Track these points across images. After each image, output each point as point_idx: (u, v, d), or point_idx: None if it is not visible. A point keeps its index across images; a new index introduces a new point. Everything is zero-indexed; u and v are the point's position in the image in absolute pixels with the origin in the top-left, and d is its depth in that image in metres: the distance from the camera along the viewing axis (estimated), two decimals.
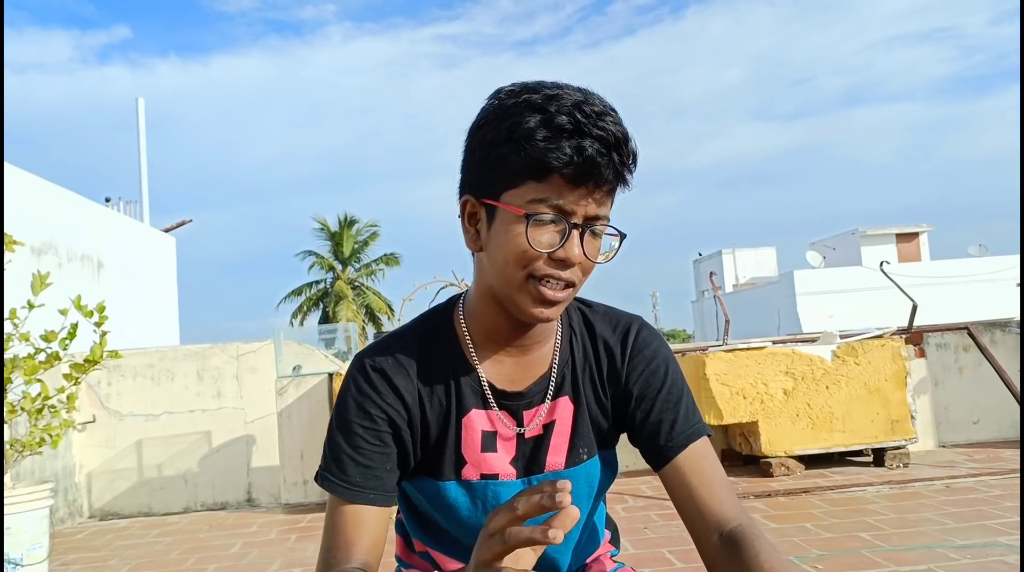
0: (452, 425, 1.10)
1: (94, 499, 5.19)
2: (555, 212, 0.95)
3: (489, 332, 1.10)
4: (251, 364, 5.42)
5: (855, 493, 4.19)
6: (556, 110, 0.93)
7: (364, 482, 1.04)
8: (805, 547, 3.17)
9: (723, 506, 1.06)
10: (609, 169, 0.94)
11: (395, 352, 1.11)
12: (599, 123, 0.93)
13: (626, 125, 0.97)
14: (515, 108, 0.96)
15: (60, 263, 7.54)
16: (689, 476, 1.09)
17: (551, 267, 0.97)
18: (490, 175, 0.99)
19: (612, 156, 0.94)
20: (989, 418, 5.69)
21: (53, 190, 7.79)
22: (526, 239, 0.95)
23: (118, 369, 5.26)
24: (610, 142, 0.93)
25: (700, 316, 37.84)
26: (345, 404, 1.09)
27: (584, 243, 0.97)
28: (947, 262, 28.30)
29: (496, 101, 0.99)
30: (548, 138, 0.92)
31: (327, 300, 33.73)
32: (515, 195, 0.97)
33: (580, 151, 0.92)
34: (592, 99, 0.96)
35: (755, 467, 5.04)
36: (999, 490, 4.02)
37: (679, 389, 1.15)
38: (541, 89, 0.97)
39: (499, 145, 0.96)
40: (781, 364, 4.93)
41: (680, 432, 1.11)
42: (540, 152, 0.93)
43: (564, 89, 0.96)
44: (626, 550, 3.35)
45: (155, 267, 10.45)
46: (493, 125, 0.97)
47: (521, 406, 1.11)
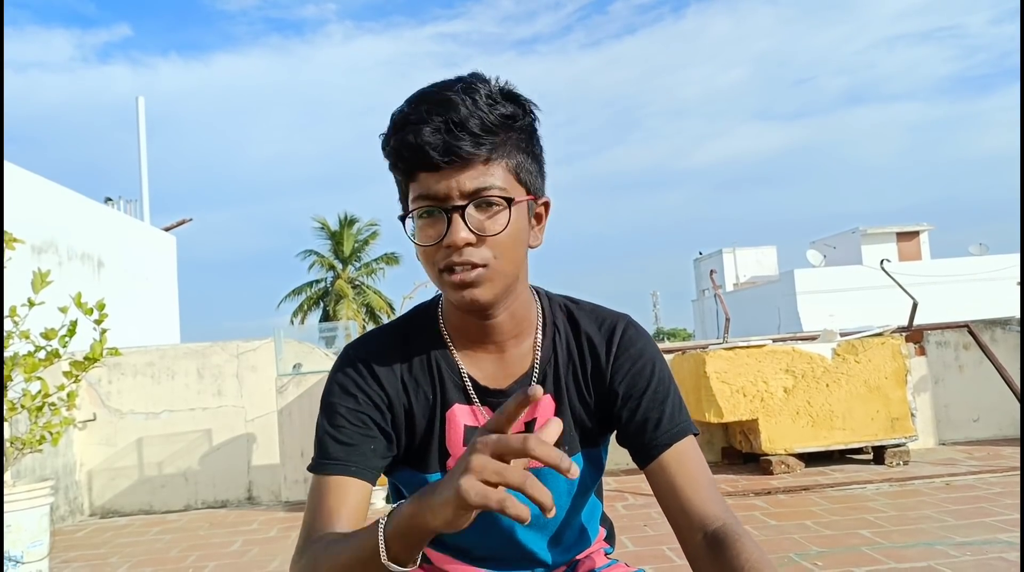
0: (437, 418, 1.11)
1: (95, 497, 5.19)
2: (430, 203, 0.98)
3: (461, 330, 1.12)
4: (251, 362, 5.42)
5: (855, 491, 4.19)
6: (407, 111, 0.98)
7: (346, 456, 1.05)
8: (805, 544, 3.17)
9: (707, 505, 1.06)
10: (450, 146, 0.95)
11: (380, 344, 1.13)
12: (439, 110, 0.95)
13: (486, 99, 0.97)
14: (390, 122, 1.01)
15: (60, 262, 7.54)
16: (674, 475, 1.08)
17: (447, 255, 0.98)
18: (399, 194, 1.06)
19: (451, 132, 0.95)
20: (989, 416, 5.69)
21: (54, 189, 7.79)
22: (413, 239, 1.01)
23: (118, 367, 5.26)
24: (445, 123, 0.95)
25: (701, 315, 37.84)
26: (330, 389, 1.11)
27: (469, 221, 0.97)
28: (947, 261, 28.29)
29: None
30: (398, 138, 0.98)
31: (327, 299, 33.73)
32: (410, 203, 1.01)
33: (415, 139, 0.95)
34: (449, 91, 0.97)
35: (755, 465, 5.04)
36: (999, 488, 4.02)
37: (665, 388, 1.14)
38: (413, 96, 1.01)
39: (387, 162, 1.03)
40: (781, 362, 4.93)
41: (665, 431, 1.10)
42: (393, 152, 0.99)
43: (431, 88, 1.00)
44: (625, 547, 3.35)
45: (156, 266, 10.45)
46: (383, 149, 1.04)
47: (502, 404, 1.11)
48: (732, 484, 4.57)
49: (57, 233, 7.58)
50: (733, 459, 5.36)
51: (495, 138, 0.98)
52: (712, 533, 1.02)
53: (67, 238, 7.79)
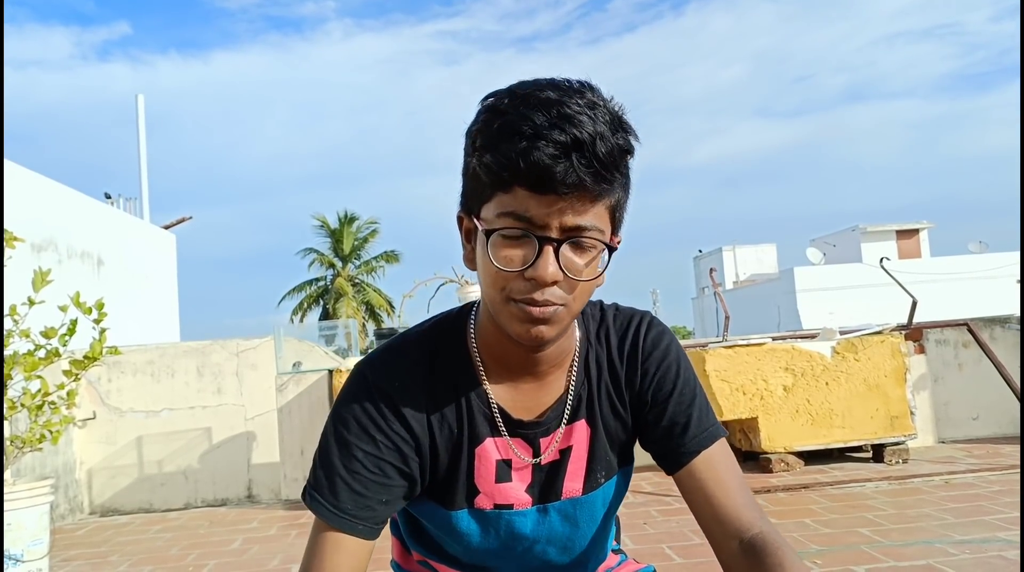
0: (464, 454, 1.04)
1: (95, 495, 5.20)
2: (524, 226, 0.87)
3: (499, 357, 1.03)
4: (251, 361, 5.43)
5: (854, 489, 4.19)
6: (517, 113, 0.86)
7: (356, 511, 0.98)
8: (805, 543, 3.17)
9: (742, 512, 1.01)
10: (571, 173, 0.84)
11: (403, 372, 1.04)
12: (561, 124, 0.84)
13: (612, 125, 0.87)
14: (485, 114, 0.90)
15: (60, 260, 7.54)
16: (705, 482, 1.04)
17: (527, 289, 0.89)
18: (469, 187, 0.94)
19: (573, 158, 0.84)
20: (988, 414, 5.69)
21: (53, 187, 7.79)
22: (490, 258, 0.89)
23: (118, 366, 5.26)
24: (568, 144, 0.84)
25: (700, 313, 37.85)
26: (346, 422, 1.01)
27: (562, 258, 0.88)
28: (947, 259, 28.30)
29: (480, 106, 0.93)
30: (505, 146, 0.86)
31: (327, 297, 33.76)
32: (488, 210, 0.90)
33: (528, 155, 0.84)
34: (570, 100, 0.86)
35: (755, 463, 5.05)
36: (998, 486, 4.02)
37: (691, 390, 1.09)
38: (517, 91, 0.89)
39: (470, 155, 0.92)
40: (781, 360, 4.93)
41: (693, 436, 1.06)
42: (494, 162, 0.86)
43: (543, 89, 0.88)
44: (625, 545, 3.36)
45: (155, 264, 10.45)
46: (468, 133, 0.93)
47: (538, 434, 1.06)
48: None
49: (57, 231, 7.58)
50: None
51: (615, 173, 0.88)
52: (749, 541, 0.98)
53: (67, 236, 7.79)
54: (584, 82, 0.91)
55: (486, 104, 0.91)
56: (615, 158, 0.88)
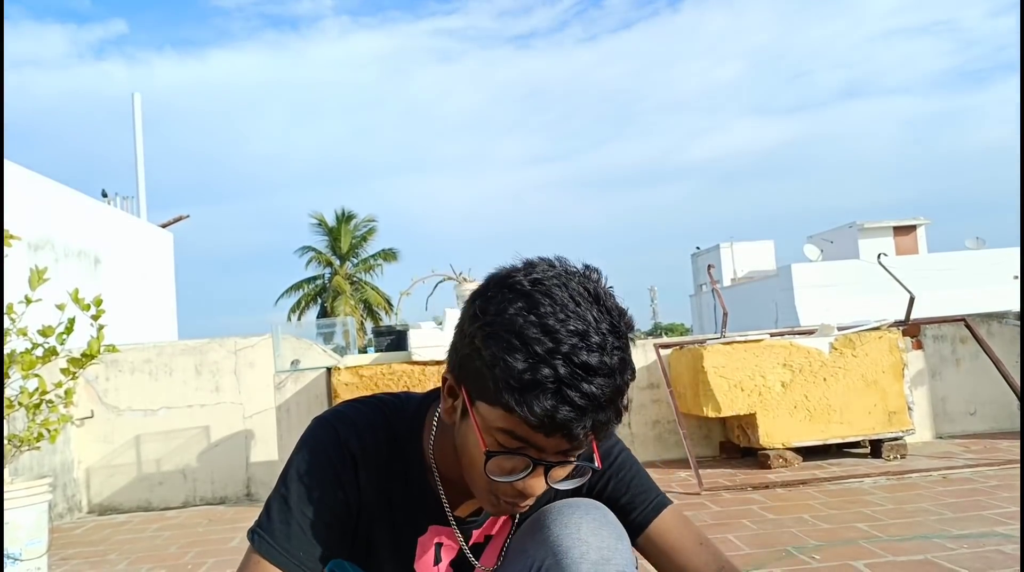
0: (407, 540, 1.12)
1: (93, 494, 5.19)
2: (521, 445, 0.91)
3: (453, 481, 1.09)
4: (249, 359, 5.42)
5: (852, 484, 4.20)
6: (542, 356, 0.86)
7: (306, 559, 1.02)
8: (803, 538, 3.18)
9: (701, 568, 1.10)
10: (586, 429, 0.88)
11: (368, 443, 1.08)
12: (583, 385, 0.86)
13: (624, 367, 0.90)
14: (507, 331, 0.88)
15: (57, 258, 7.52)
16: (660, 550, 1.12)
17: (513, 495, 0.96)
18: (472, 377, 0.94)
19: (591, 417, 0.87)
20: (986, 409, 5.70)
21: (50, 185, 7.77)
22: (484, 471, 0.94)
23: (116, 364, 5.25)
24: (590, 407, 0.87)
25: (698, 310, 37.86)
26: (311, 473, 1.05)
27: (549, 475, 0.94)
28: (944, 255, 28.32)
29: (500, 296, 0.92)
30: (525, 388, 0.86)
31: (325, 295, 33.74)
32: (488, 412, 0.92)
33: (552, 415, 0.86)
34: (590, 338, 0.87)
35: (753, 459, 5.05)
36: (996, 481, 4.03)
37: (628, 470, 1.16)
38: (541, 307, 0.88)
39: (483, 362, 0.91)
40: (779, 356, 4.94)
41: (640, 512, 1.14)
42: (512, 401, 0.87)
43: (568, 318, 0.88)
44: None
45: (153, 262, 10.44)
46: (485, 332, 0.91)
47: (471, 527, 1.14)
48: (730, 478, 4.58)
49: (53, 230, 7.56)
50: (731, 453, 5.37)
51: (620, 420, 0.94)
52: None
53: (63, 235, 7.77)
54: (600, 295, 0.92)
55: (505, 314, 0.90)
56: (620, 414, 0.92)
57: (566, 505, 1.09)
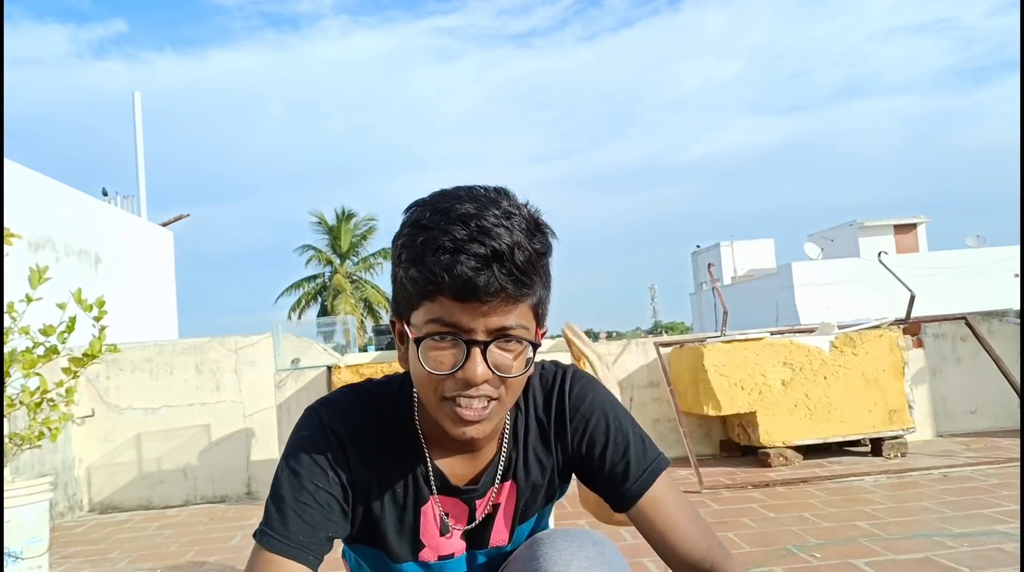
0: (410, 512, 1.12)
1: (94, 493, 5.20)
2: (451, 331, 0.93)
3: (437, 433, 1.09)
4: (250, 357, 5.42)
5: (853, 483, 4.20)
6: (438, 228, 0.91)
7: (306, 541, 1.03)
8: (803, 536, 3.18)
9: (691, 547, 1.08)
10: (493, 282, 0.90)
11: (354, 422, 1.09)
12: (480, 238, 0.90)
13: (528, 233, 0.94)
14: (408, 228, 0.96)
15: (58, 257, 7.53)
16: (653, 521, 1.10)
17: (459, 387, 0.96)
18: (399, 295, 1.00)
19: (493, 269, 0.90)
20: (987, 408, 5.70)
21: (50, 184, 7.77)
22: (421, 363, 0.95)
23: (116, 363, 5.26)
24: (488, 256, 0.90)
25: (699, 308, 37.87)
26: (298, 457, 1.07)
27: (490, 358, 0.94)
28: (945, 253, 28.31)
29: (405, 216, 0.99)
30: (428, 260, 0.91)
31: (325, 294, 33.74)
32: (417, 317, 0.96)
33: (451, 269, 0.89)
34: (487, 210, 0.92)
35: (753, 457, 5.05)
36: (996, 479, 4.03)
37: (624, 435, 1.14)
38: (439, 202, 0.95)
39: (396, 266, 0.98)
40: (779, 355, 4.94)
41: (634, 480, 1.12)
42: (419, 276, 0.92)
43: (462, 202, 0.93)
44: (624, 540, 3.36)
45: (153, 261, 10.44)
46: (395, 242, 0.99)
47: (473, 497, 1.13)
48: (730, 477, 4.58)
49: (54, 229, 7.56)
50: (731, 452, 5.37)
51: (534, 277, 0.95)
52: None
53: (64, 234, 7.77)
54: (500, 190, 0.98)
55: (410, 218, 0.97)
56: (533, 263, 0.94)
57: (562, 536, 1.10)
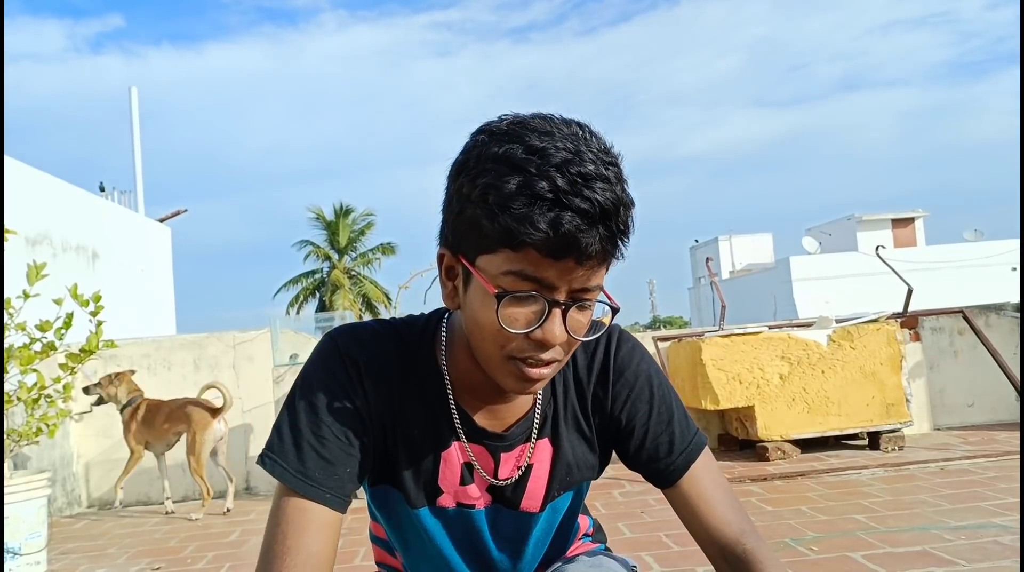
0: (429, 456, 1.04)
1: (92, 488, 5.20)
2: (533, 287, 0.84)
3: (469, 383, 1.03)
4: (248, 353, 5.42)
5: (850, 476, 4.21)
6: (536, 171, 0.81)
7: (324, 479, 0.95)
8: (801, 530, 3.19)
9: (725, 528, 1.03)
10: (594, 243, 0.82)
11: (373, 348, 1.02)
12: (584, 191, 0.80)
13: (622, 182, 0.85)
14: (494, 162, 0.83)
15: (55, 253, 7.52)
16: (692, 498, 1.05)
17: (531, 348, 0.88)
18: (465, 233, 0.88)
19: (598, 229, 0.82)
20: (984, 401, 5.71)
21: (47, 180, 7.76)
22: (497, 319, 0.86)
23: (114, 359, 5.25)
24: (595, 214, 0.81)
25: (697, 303, 37.90)
26: (313, 387, 1.00)
27: (568, 320, 0.87)
28: (942, 247, 28.34)
29: (479, 142, 0.87)
30: (523, 206, 0.80)
31: (324, 289, 33.70)
32: (490, 262, 0.86)
33: (557, 226, 0.80)
34: (584, 154, 0.82)
35: (751, 451, 5.06)
36: (994, 472, 4.04)
37: (668, 405, 1.09)
38: (527, 137, 0.84)
39: (474, 204, 0.85)
40: (777, 349, 4.94)
41: (679, 453, 1.06)
42: (513, 223, 0.81)
43: (554, 138, 0.83)
44: (623, 534, 3.37)
45: (151, 257, 10.43)
46: (470, 176, 0.85)
47: (500, 448, 1.05)
48: (728, 471, 4.59)
49: (51, 225, 7.55)
50: (729, 446, 5.38)
51: (629, 237, 0.87)
52: (736, 558, 1.01)
53: (61, 230, 7.76)
54: (584, 127, 0.87)
55: (494, 149, 0.85)
56: (631, 226, 0.86)
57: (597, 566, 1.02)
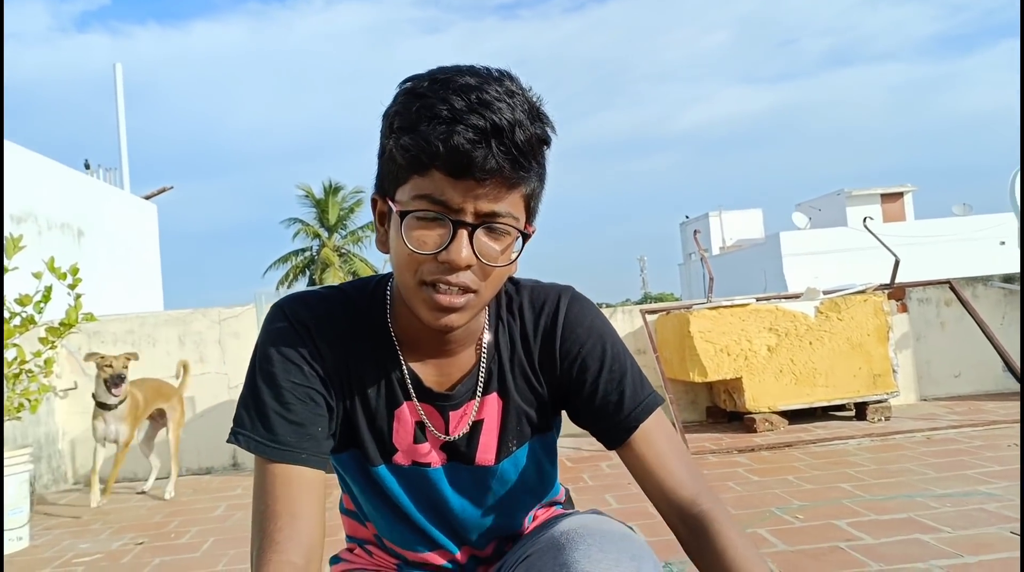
0: (382, 414, 1.06)
1: (78, 465, 5.17)
2: (438, 209, 0.88)
3: (411, 333, 1.04)
4: (234, 329, 5.38)
5: (837, 446, 4.22)
6: (436, 96, 0.85)
7: (297, 441, 0.98)
8: (787, 498, 3.19)
9: (680, 488, 1.02)
10: (490, 159, 0.85)
11: (322, 312, 1.04)
12: (480, 110, 0.84)
13: (527, 113, 0.88)
14: (404, 96, 0.89)
15: (40, 231, 7.43)
16: (644, 457, 1.04)
17: (440, 271, 0.90)
18: (385, 170, 0.93)
19: (491, 144, 0.85)
20: (970, 372, 5.73)
21: (31, 158, 7.66)
22: (403, 240, 0.89)
23: (98, 335, 5.20)
24: (487, 129, 0.84)
25: (688, 279, 37.98)
26: (268, 358, 1.02)
27: (475, 243, 0.89)
28: (931, 221, 28.42)
29: (398, 88, 0.92)
30: (423, 128, 0.85)
31: (313, 268, 33.62)
32: (403, 192, 0.90)
33: (447, 140, 0.84)
34: (488, 84, 0.86)
35: (739, 423, 5.07)
36: (980, 441, 4.05)
37: (621, 364, 1.08)
38: (437, 76, 0.88)
39: (387, 137, 0.91)
40: (765, 321, 4.93)
41: (628, 411, 1.05)
42: (412, 143, 0.86)
43: (463, 73, 0.88)
44: (610, 505, 3.37)
45: (137, 235, 10.33)
46: (386, 115, 0.92)
47: (447, 407, 1.07)
48: (716, 442, 4.59)
49: (36, 202, 7.46)
50: (717, 417, 5.39)
51: (532, 162, 0.90)
52: (692, 519, 1.00)
53: (46, 207, 7.67)
54: (503, 71, 0.91)
55: (405, 87, 0.91)
56: (533, 147, 0.89)
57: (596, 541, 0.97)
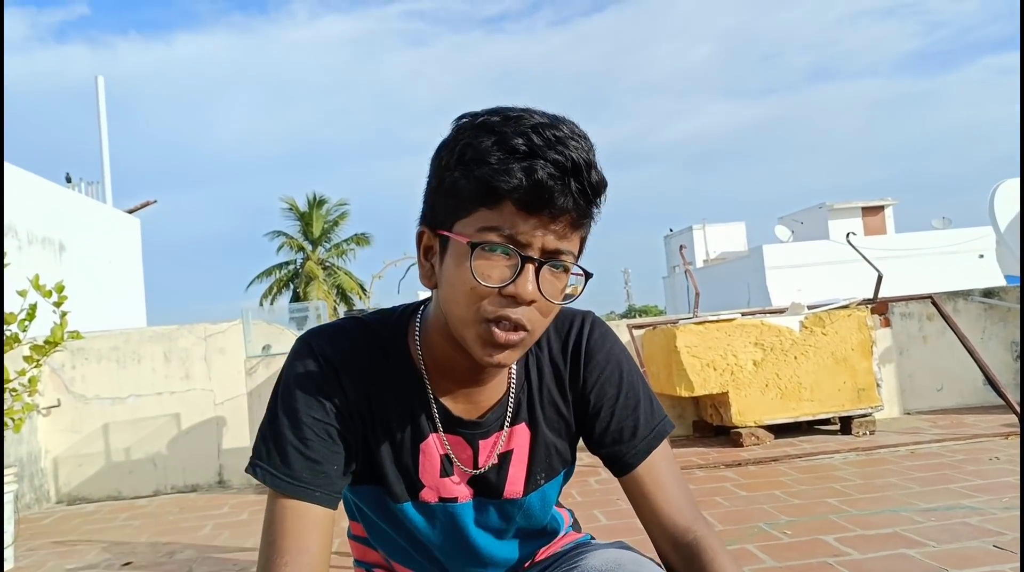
0: (407, 449, 1.05)
1: (61, 484, 5.12)
2: (507, 242, 0.87)
3: (444, 367, 1.04)
4: (219, 345, 5.36)
5: (823, 460, 4.25)
6: (512, 131, 0.86)
7: (312, 478, 0.98)
8: (774, 513, 3.21)
9: (677, 514, 1.05)
10: (566, 197, 0.86)
11: (348, 348, 1.04)
12: (557, 147, 0.85)
13: (595, 156, 0.89)
14: (472, 131, 0.89)
15: (20, 245, 7.38)
16: (646, 484, 1.07)
17: (502, 306, 0.89)
18: (443, 203, 0.92)
19: (569, 182, 0.86)
20: (952, 385, 5.80)
21: (11, 171, 7.60)
22: (471, 271, 0.88)
23: (82, 352, 5.17)
24: (567, 167, 0.85)
25: (672, 291, 38.11)
26: (290, 392, 1.01)
27: (540, 280, 0.89)
28: (912, 235, 28.69)
29: (461, 124, 0.92)
30: (499, 160, 0.85)
31: (297, 281, 33.48)
32: (466, 224, 0.89)
33: (530, 173, 0.84)
34: (559, 124, 0.88)
35: (726, 437, 5.10)
36: (962, 455, 4.10)
37: (635, 391, 1.11)
38: (505, 112, 0.90)
39: (451, 169, 0.90)
40: (750, 335, 4.97)
41: (641, 439, 1.08)
42: (488, 175, 0.85)
43: (530, 113, 0.89)
44: (599, 522, 3.37)
45: (119, 249, 10.26)
46: (450, 148, 0.91)
47: (476, 436, 1.06)
48: (703, 456, 4.61)
49: (16, 216, 7.40)
50: (704, 432, 5.41)
51: (599, 203, 0.91)
52: (686, 546, 1.02)
53: (27, 221, 7.61)
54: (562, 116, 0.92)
55: (471, 122, 0.90)
56: (601, 189, 0.90)
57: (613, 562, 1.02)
